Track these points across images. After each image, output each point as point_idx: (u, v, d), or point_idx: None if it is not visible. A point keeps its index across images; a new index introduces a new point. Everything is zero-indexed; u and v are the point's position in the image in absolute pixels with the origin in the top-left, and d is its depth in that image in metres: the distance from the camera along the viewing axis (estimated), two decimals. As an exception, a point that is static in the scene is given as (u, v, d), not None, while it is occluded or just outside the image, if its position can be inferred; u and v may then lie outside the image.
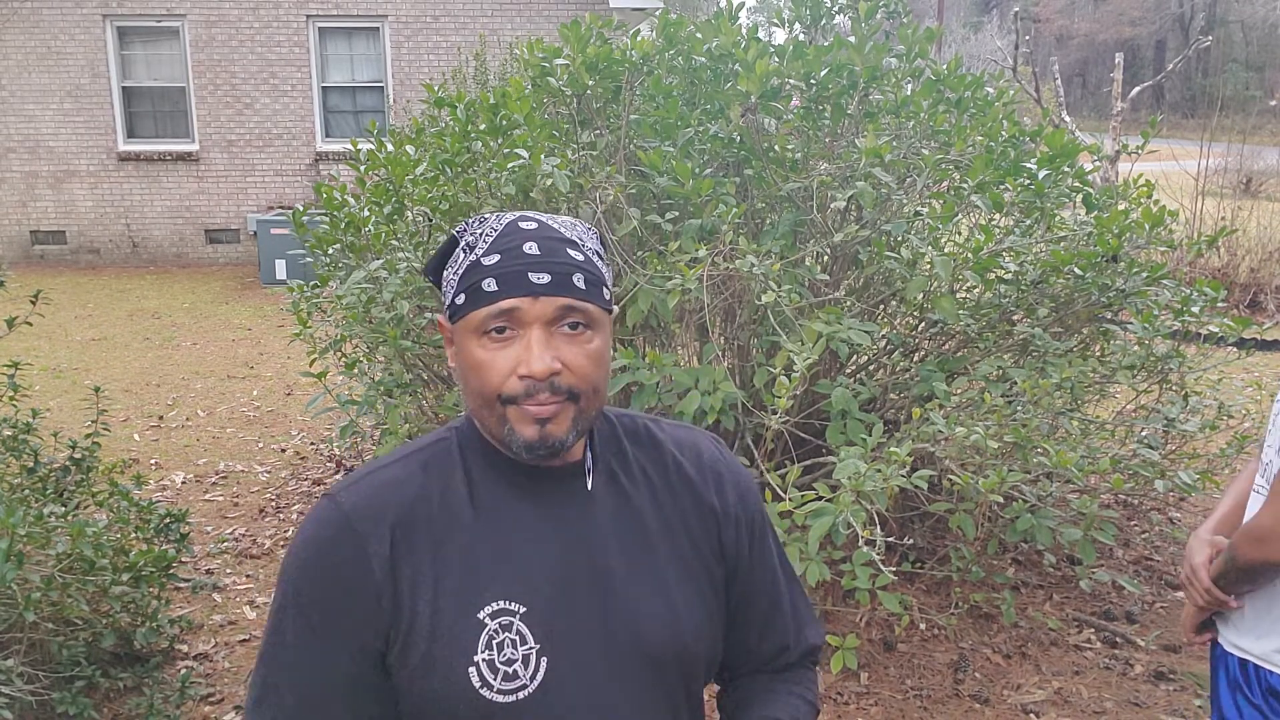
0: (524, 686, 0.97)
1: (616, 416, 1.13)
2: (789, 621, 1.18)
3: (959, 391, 2.91)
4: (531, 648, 0.98)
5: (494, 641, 0.97)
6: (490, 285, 0.96)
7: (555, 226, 1.00)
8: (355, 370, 3.38)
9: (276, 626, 1.01)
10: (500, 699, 0.97)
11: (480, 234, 1.00)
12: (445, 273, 1.03)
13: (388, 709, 1.01)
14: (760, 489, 1.21)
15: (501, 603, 0.98)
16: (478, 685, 0.96)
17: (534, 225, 0.99)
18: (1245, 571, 1.50)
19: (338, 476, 4.75)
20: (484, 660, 0.97)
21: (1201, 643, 1.66)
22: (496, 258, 0.97)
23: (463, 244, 1.01)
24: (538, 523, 1.02)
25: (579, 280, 0.97)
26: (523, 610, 0.99)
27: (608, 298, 1.02)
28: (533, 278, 0.96)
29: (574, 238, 1.01)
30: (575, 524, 1.03)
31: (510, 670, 0.97)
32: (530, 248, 0.97)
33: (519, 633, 0.98)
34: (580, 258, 0.99)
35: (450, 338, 1.03)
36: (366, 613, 0.98)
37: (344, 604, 0.98)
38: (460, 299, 0.99)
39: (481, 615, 0.98)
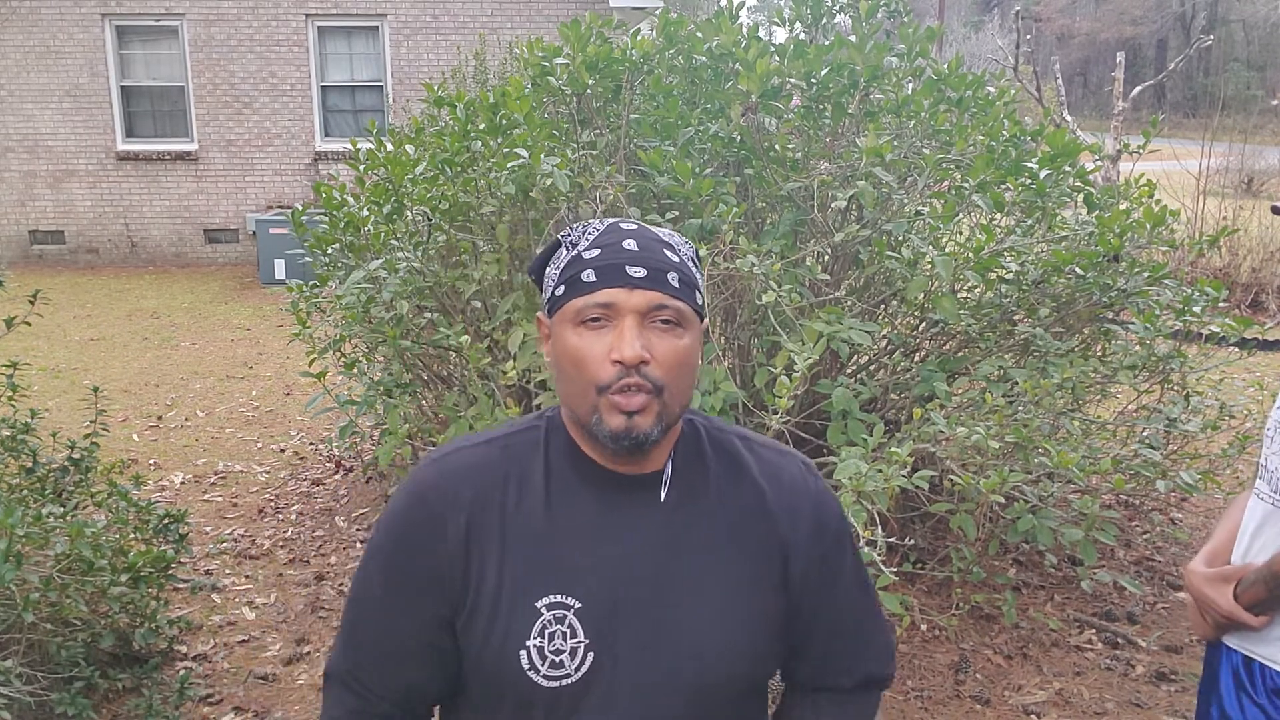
0: (568, 675, 1.03)
1: (707, 428, 1.15)
2: (851, 650, 1.19)
3: (960, 391, 2.90)
4: (580, 641, 1.03)
5: (546, 630, 1.03)
6: (589, 276, 1.01)
7: (654, 230, 1.07)
8: (355, 370, 3.37)
9: (365, 579, 1.10)
10: (544, 683, 1.03)
11: (583, 233, 1.06)
12: (548, 270, 1.08)
13: (454, 672, 1.09)
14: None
15: (559, 596, 1.04)
16: (525, 668, 1.03)
17: (634, 226, 1.06)
18: None
19: (337, 477, 4.74)
20: (535, 646, 1.03)
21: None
22: (597, 252, 1.02)
23: (566, 243, 1.07)
24: (607, 526, 1.06)
25: (673, 279, 1.02)
26: (578, 606, 1.04)
27: (700, 302, 1.06)
28: (630, 271, 1.00)
29: (670, 242, 1.06)
30: (643, 533, 1.06)
31: (558, 659, 1.03)
32: (629, 244, 1.03)
33: (570, 626, 1.03)
34: (676, 259, 1.04)
35: (547, 333, 1.08)
36: (439, 581, 1.06)
37: (421, 572, 1.06)
38: (560, 290, 1.03)
39: (539, 604, 1.03)
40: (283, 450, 5.15)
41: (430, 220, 3.38)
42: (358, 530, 4.11)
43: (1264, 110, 17.55)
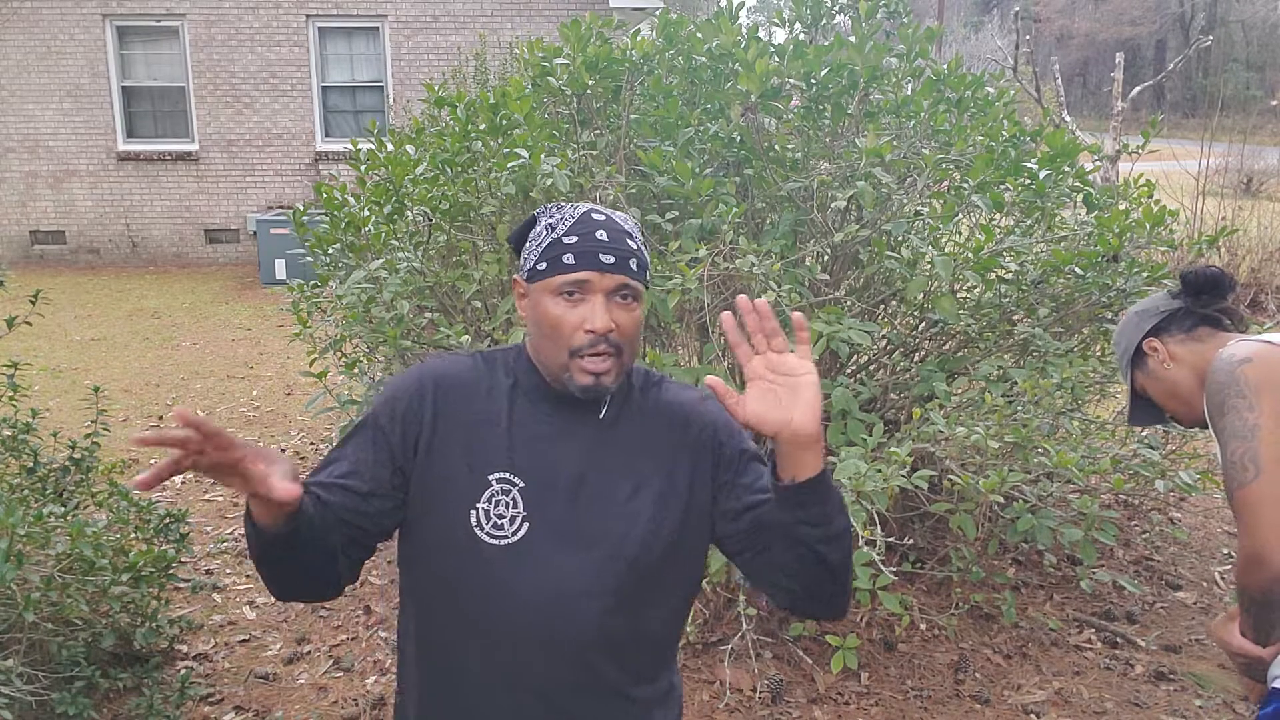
0: (505, 537, 1.28)
1: (636, 369, 1.42)
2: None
3: (959, 391, 2.91)
4: (520, 512, 1.28)
5: (493, 498, 1.28)
6: (569, 259, 1.26)
7: (618, 220, 1.30)
8: (355, 370, 3.38)
9: (351, 431, 1.34)
10: (487, 540, 1.27)
11: (560, 218, 1.30)
12: (528, 244, 1.32)
13: (373, 512, 1.29)
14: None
15: (507, 474, 1.29)
16: (473, 525, 1.28)
17: (603, 218, 1.29)
18: (1262, 604, 1.48)
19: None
20: (482, 509, 1.28)
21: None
22: (575, 238, 1.27)
23: (544, 223, 1.31)
24: (553, 429, 1.32)
25: (633, 264, 1.28)
26: (521, 485, 1.29)
27: (648, 278, 1.33)
28: (602, 258, 1.25)
29: (629, 230, 1.31)
30: (581, 439, 1.32)
31: (499, 522, 1.28)
32: (601, 234, 1.27)
33: (514, 499, 1.29)
34: (635, 247, 1.29)
35: (524, 293, 1.34)
36: (405, 435, 1.30)
37: (396, 423, 1.31)
38: (542, 265, 1.28)
39: (490, 477, 1.29)
40: (283, 450, 5.16)
41: (430, 220, 3.38)
42: (358, 530, 4.11)
43: (1263, 110, 17.56)
